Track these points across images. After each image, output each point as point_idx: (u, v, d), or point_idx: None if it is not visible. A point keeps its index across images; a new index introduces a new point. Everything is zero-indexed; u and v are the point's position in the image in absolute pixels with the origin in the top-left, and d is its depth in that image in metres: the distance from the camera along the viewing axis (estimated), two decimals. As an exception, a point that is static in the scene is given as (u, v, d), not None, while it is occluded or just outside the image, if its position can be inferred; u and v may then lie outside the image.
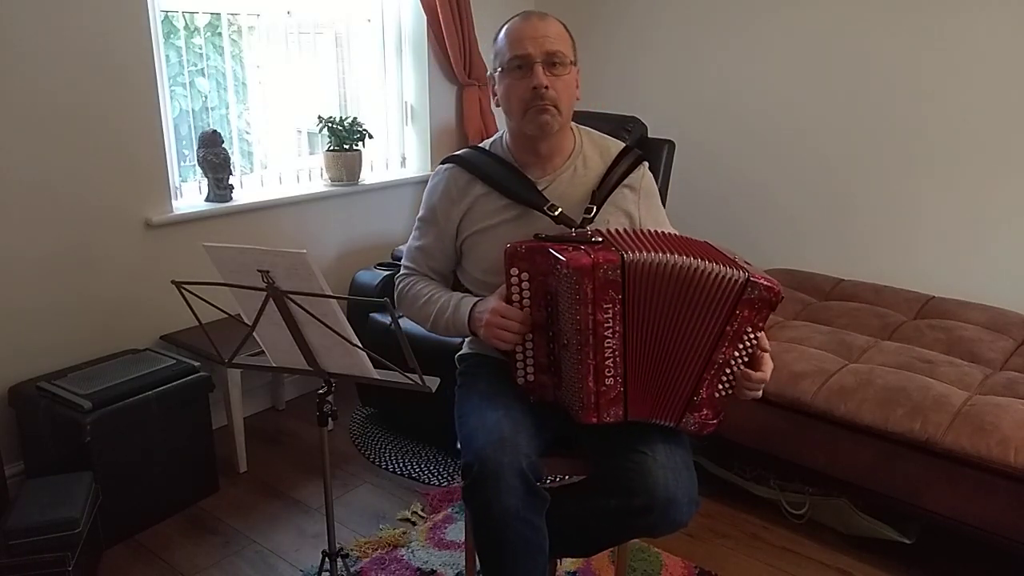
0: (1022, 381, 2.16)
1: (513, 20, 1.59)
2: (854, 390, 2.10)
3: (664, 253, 1.42)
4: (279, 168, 3.10)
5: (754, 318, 1.40)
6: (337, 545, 1.77)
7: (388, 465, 2.65)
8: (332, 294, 1.41)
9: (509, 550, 1.43)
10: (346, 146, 3.15)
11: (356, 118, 3.17)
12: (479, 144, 1.74)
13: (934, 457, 1.96)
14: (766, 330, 1.44)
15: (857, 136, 3.10)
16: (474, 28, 3.43)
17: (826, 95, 3.13)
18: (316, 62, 3.20)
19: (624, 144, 1.73)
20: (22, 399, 2.26)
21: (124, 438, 2.19)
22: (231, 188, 2.82)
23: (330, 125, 3.11)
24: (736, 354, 1.43)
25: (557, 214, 1.57)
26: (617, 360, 1.44)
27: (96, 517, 2.07)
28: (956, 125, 2.87)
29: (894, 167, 3.04)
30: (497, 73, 1.60)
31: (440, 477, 2.58)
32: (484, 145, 1.73)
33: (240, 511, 2.40)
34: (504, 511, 1.39)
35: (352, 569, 2.09)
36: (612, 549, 1.97)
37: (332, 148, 3.15)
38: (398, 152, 3.59)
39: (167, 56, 2.67)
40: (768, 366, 1.47)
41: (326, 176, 3.22)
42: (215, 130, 2.74)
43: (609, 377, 1.44)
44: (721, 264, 1.41)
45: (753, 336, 1.42)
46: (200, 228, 2.72)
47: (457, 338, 1.75)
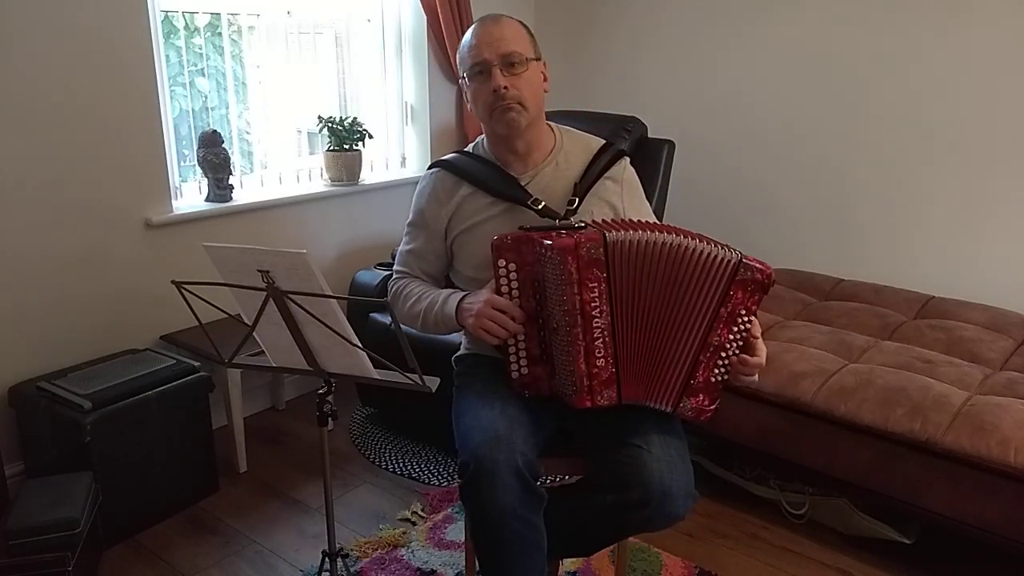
0: (1022, 381, 2.16)
1: (471, 29, 1.64)
2: (854, 390, 2.10)
3: (647, 232, 1.45)
4: (279, 168, 3.10)
5: (747, 301, 1.42)
6: (337, 545, 1.77)
7: (388, 465, 2.65)
8: (332, 294, 1.41)
9: (506, 548, 1.43)
10: (346, 146, 3.15)
11: (356, 118, 3.17)
12: (464, 148, 1.79)
13: (934, 457, 1.96)
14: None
15: (857, 136, 3.10)
16: (474, 28, 3.43)
17: (826, 95, 3.13)
18: (316, 62, 3.20)
19: (604, 140, 1.77)
20: (22, 399, 2.26)
21: (124, 438, 2.19)
22: (231, 188, 2.82)
23: (330, 125, 3.11)
24: (731, 337, 1.44)
25: (541, 207, 1.61)
26: (607, 341, 1.45)
27: (96, 517, 2.07)
28: (956, 125, 2.87)
29: (894, 167, 3.04)
30: (464, 81, 1.66)
31: (440, 477, 2.58)
32: (468, 148, 1.78)
33: (240, 511, 2.40)
34: (501, 509, 1.40)
35: (352, 569, 2.09)
36: (612, 549, 1.98)
37: (332, 148, 3.15)
38: (398, 152, 3.59)
39: (167, 56, 2.67)
40: (762, 351, 1.48)
41: (326, 176, 3.22)
42: (215, 130, 2.74)
43: (600, 358, 1.45)
44: (712, 245, 1.44)
45: (747, 319, 1.44)
46: (200, 228, 2.72)
47: (450, 335, 1.76)
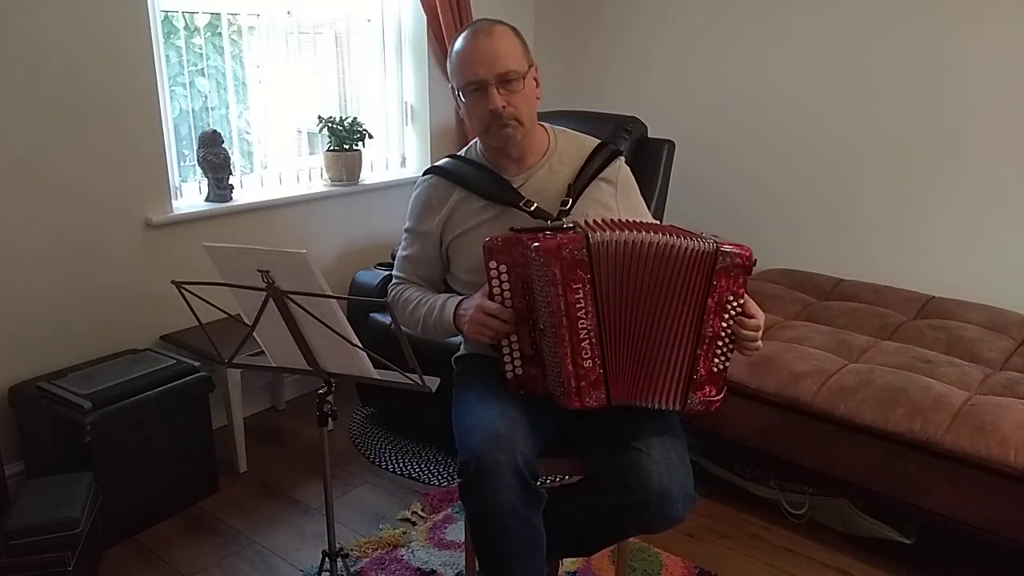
0: (1022, 381, 2.16)
1: (463, 39, 1.59)
2: (854, 390, 2.10)
3: (631, 232, 1.45)
4: (279, 168, 3.10)
5: (732, 285, 1.43)
6: (337, 545, 1.77)
7: (388, 465, 2.65)
8: (332, 294, 1.41)
9: (506, 547, 1.43)
10: (346, 146, 3.15)
11: (356, 118, 3.17)
12: (457, 153, 1.79)
13: (934, 457, 1.96)
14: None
15: (857, 136, 3.10)
16: (474, 28, 3.43)
17: (826, 95, 3.13)
18: (316, 62, 3.20)
19: (600, 140, 1.76)
20: (22, 399, 2.26)
21: (124, 438, 2.19)
22: (231, 188, 2.82)
23: (330, 125, 3.11)
24: (724, 324, 1.45)
25: (533, 209, 1.61)
26: (593, 342, 1.46)
27: (96, 517, 2.07)
28: (956, 125, 2.87)
29: (894, 167, 3.04)
30: (457, 92, 1.64)
31: (440, 477, 2.58)
32: (461, 152, 1.78)
33: (240, 511, 2.40)
34: (501, 508, 1.40)
35: (352, 569, 2.09)
36: (612, 549, 1.98)
37: (332, 148, 3.15)
38: (398, 152, 3.59)
39: (167, 56, 2.67)
40: (760, 317, 1.48)
41: (326, 176, 3.22)
42: (215, 130, 2.74)
43: (587, 359, 1.46)
44: (687, 238, 1.44)
45: (736, 303, 1.44)
46: (200, 228, 2.72)
47: (450, 339, 1.76)
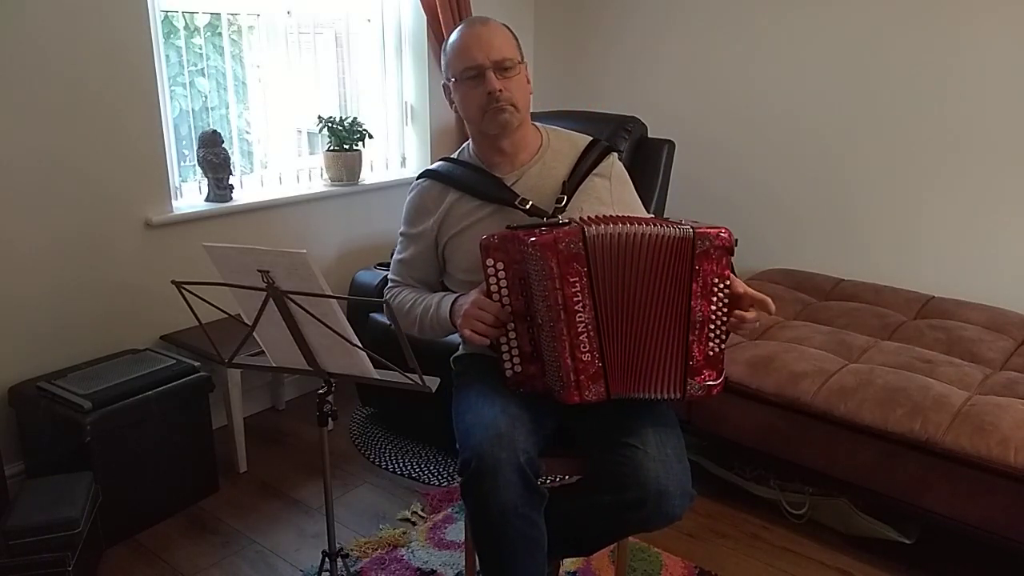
0: (1022, 381, 2.16)
1: (459, 31, 1.64)
2: (854, 390, 2.10)
3: (625, 225, 1.47)
4: (279, 168, 3.10)
5: (716, 268, 1.44)
6: (337, 545, 1.77)
7: (388, 465, 2.65)
8: (332, 294, 1.41)
9: (507, 546, 1.43)
10: (346, 146, 3.15)
11: (356, 118, 3.17)
12: (449, 155, 1.80)
13: (934, 457, 1.96)
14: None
15: (857, 136, 3.10)
16: (474, 28, 3.43)
17: (827, 95, 3.13)
18: (316, 62, 3.20)
19: (592, 137, 1.77)
20: (22, 399, 2.26)
21: (124, 438, 2.19)
22: (231, 188, 2.82)
23: (330, 125, 3.11)
24: (713, 307, 1.46)
25: (528, 207, 1.62)
26: (591, 335, 1.46)
27: (96, 517, 2.07)
28: (957, 125, 2.87)
29: (894, 167, 3.04)
30: (452, 83, 1.66)
31: (440, 477, 2.58)
32: (453, 155, 1.79)
33: (240, 511, 2.40)
34: (502, 507, 1.40)
35: (352, 569, 2.09)
36: (612, 549, 1.98)
37: (332, 148, 3.15)
38: (398, 152, 3.59)
39: (167, 56, 2.67)
40: (748, 295, 1.48)
41: (326, 176, 3.22)
42: (215, 130, 2.74)
43: (585, 353, 1.46)
44: (667, 227, 1.46)
45: (723, 285, 1.45)
46: (200, 228, 2.72)
47: (449, 338, 1.76)
